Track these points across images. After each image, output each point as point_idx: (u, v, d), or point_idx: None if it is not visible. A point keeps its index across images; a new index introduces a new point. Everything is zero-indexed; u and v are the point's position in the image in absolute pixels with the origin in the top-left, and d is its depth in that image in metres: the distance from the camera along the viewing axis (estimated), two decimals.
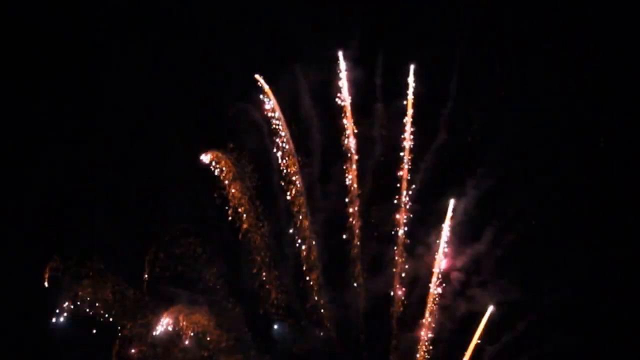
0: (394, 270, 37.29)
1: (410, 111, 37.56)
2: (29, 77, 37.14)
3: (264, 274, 35.46)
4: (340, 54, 37.10)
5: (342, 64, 37.11)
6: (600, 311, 36.85)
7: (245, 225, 34.94)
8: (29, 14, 37.77)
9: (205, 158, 34.31)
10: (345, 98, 37.09)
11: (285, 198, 35.83)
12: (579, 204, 37.71)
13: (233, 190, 34.61)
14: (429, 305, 36.59)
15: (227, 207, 34.66)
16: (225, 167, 34.50)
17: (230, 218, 34.77)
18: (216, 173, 34.51)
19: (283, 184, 35.83)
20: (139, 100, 36.76)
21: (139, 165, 36.13)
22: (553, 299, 36.61)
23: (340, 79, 37.02)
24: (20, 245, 35.37)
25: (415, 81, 37.81)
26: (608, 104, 38.59)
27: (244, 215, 34.91)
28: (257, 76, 35.72)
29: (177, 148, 35.60)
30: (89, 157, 36.48)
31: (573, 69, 38.36)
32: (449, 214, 36.59)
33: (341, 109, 36.96)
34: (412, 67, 37.85)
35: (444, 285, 36.67)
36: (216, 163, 34.43)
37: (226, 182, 34.59)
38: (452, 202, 36.64)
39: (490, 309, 36.12)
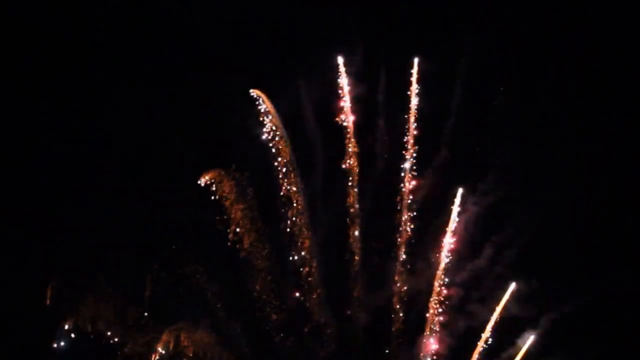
0: (395, 286, 37.43)
1: (413, 124, 37.48)
2: (29, 79, 36.96)
3: (265, 292, 35.59)
4: (340, 59, 36.88)
5: (343, 71, 36.91)
6: (603, 326, 37.08)
7: (246, 244, 34.98)
8: (29, 14, 37.45)
9: (207, 178, 34.22)
10: (346, 109, 36.93)
11: (287, 216, 35.80)
12: (581, 218, 37.65)
13: (235, 210, 34.57)
14: (429, 320, 36.84)
15: (228, 227, 34.68)
16: (227, 187, 34.43)
17: (231, 236, 34.79)
18: (218, 192, 34.46)
19: (284, 202, 35.83)
20: (140, 112, 36.61)
21: (141, 182, 35.99)
22: (555, 314, 36.84)
23: (342, 92, 36.84)
24: (20, 257, 35.48)
25: (418, 75, 37.53)
26: (609, 111, 38.46)
27: (246, 234, 34.91)
28: (258, 92, 35.50)
29: (179, 165, 35.51)
30: (89, 170, 36.47)
31: (576, 78, 38.08)
32: (457, 204, 36.53)
33: (343, 126, 36.88)
34: (416, 61, 37.44)
35: (445, 303, 36.90)
36: (219, 182, 34.35)
37: (228, 201, 34.55)
38: (460, 191, 36.51)
39: (513, 285, 36.06)
